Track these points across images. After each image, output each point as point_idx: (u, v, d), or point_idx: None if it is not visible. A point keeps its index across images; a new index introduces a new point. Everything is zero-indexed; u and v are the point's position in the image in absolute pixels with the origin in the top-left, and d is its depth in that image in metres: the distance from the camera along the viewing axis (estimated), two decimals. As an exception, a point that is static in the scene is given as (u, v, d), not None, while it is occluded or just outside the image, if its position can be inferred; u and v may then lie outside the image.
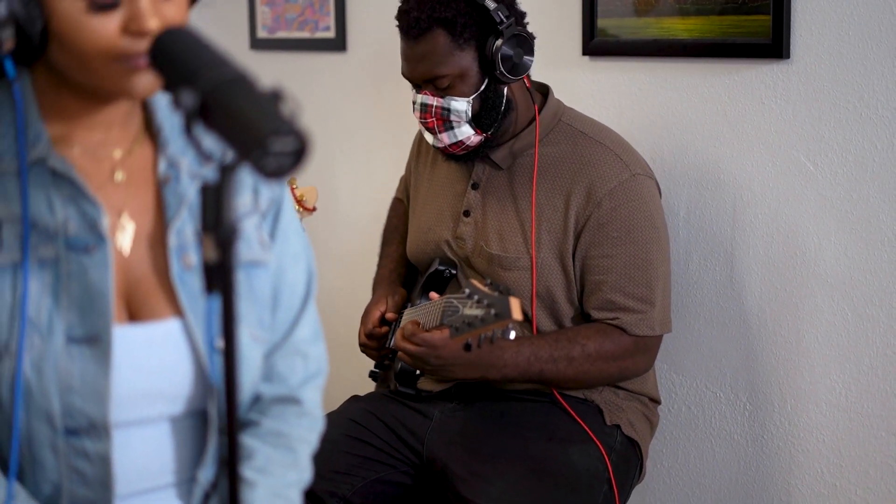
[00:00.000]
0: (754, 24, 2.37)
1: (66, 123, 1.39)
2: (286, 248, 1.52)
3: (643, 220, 2.28)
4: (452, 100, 2.27)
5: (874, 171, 2.26)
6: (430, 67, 2.26)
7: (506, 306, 1.93)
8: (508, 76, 2.25)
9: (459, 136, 2.30)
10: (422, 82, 2.30)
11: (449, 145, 2.33)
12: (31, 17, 1.29)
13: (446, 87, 2.27)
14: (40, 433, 1.34)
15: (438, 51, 2.25)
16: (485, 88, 2.28)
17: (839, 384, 2.36)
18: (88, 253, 1.36)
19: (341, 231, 3.44)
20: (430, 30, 2.24)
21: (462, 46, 2.25)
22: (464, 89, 2.27)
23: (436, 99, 2.28)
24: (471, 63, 2.26)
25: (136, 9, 1.29)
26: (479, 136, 2.31)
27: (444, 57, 2.25)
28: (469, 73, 2.27)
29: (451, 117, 2.28)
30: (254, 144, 1.06)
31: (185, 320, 1.40)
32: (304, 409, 1.53)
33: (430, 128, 2.32)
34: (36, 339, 1.33)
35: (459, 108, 2.27)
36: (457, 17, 2.22)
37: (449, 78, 2.26)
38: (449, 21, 2.23)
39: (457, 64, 2.26)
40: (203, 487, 1.45)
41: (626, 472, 2.34)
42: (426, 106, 2.29)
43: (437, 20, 2.23)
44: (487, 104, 2.29)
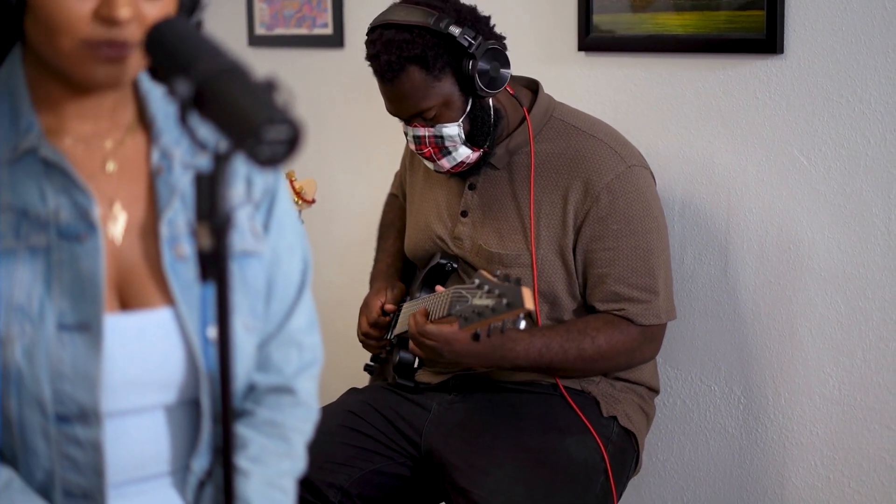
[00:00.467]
0: (748, 19, 2.38)
1: (56, 114, 1.40)
2: (281, 238, 1.52)
3: (642, 211, 2.30)
4: (443, 127, 2.29)
5: (867, 165, 2.27)
6: (414, 104, 2.28)
7: (518, 296, 1.94)
8: (489, 91, 2.26)
9: (459, 159, 2.33)
10: (410, 119, 2.32)
11: (451, 168, 2.35)
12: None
13: (434, 117, 2.29)
14: (32, 420, 1.35)
15: (417, 87, 2.26)
16: (471, 108, 2.30)
17: (832, 377, 2.38)
18: (80, 241, 1.37)
19: (339, 226, 3.45)
20: (403, 70, 2.24)
21: (438, 77, 2.26)
22: (451, 115, 2.29)
23: (427, 129, 2.30)
24: (451, 89, 2.28)
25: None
26: (478, 153, 2.34)
27: (424, 91, 2.26)
28: (452, 99, 2.28)
29: (445, 143, 2.30)
30: (248, 133, 1.07)
31: (177, 309, 1.41)
32: (299, 399, 1.54)
33: (427, 157, 2.34)
34: (27, 326, 1.34)
35: (451, 133, 2.29)
36: (426, 51, 2.23)
37: (434, 109, 2.28)
38: (420, 57, 2.23)
39: (438, 94, 2.27)
40: (197, 476, 1.45)
41: (623, 464, 2.36)
42: (419, 138, 2.31)
43: (408, 59, 2.23)
44: (477, 122, 2.30)
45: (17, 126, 1.37)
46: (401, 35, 2.23)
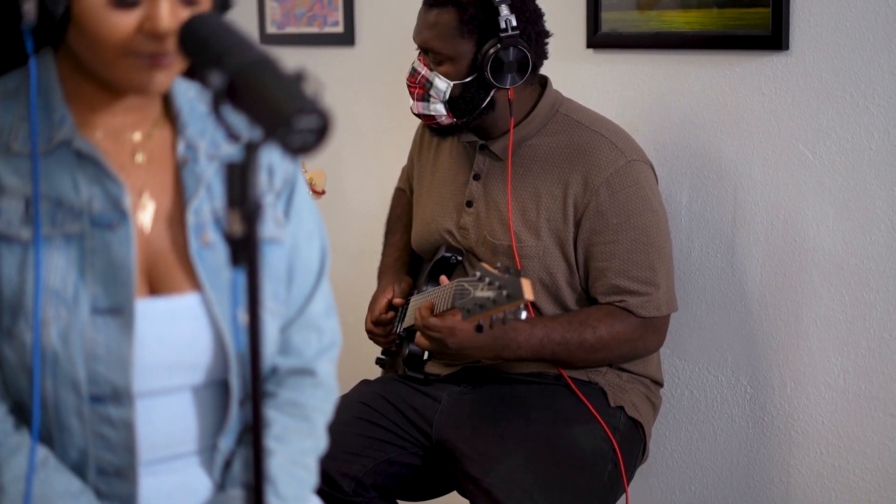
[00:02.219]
0: (754, 16, 2.42)
1: (88, 108, 1.44)
2: (300, 226, 1.57)
3: (641, 205, 2.33)
4: (437, 77, 2.34)
5: (871, 159, 2.30)
6: (431, 37, 2.34)
7: (518, 287, 1.97)
8: (493, 80, 2.30)
9: (431, 112, 2.38)
10: (423, 49, 2.38)
11: (420, 114, 2.41)
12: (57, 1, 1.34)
13: (438, 63, 2.34)
14: (66, 400, 1.40)
15: (443, 26, 2.32)
16: (470, 81, 2.33)
17: (837, 367, 2.41)
18: (112, 229, 1.42)
19: (349, 222, 3.48)
20: (445, 5, 2.31)
21: (464, 34, 2.31)
22: (451, 72, 2.34)
23: (425, 69, 2.36)
24: (465, 52, 2.32)
25: (153, 10, 1.35)
26: (450, 120, 2.38)
27: (446, 35, 2.32)
28: (460, 60, 2.33)
29: (430, 91, 2.35)
30: (279, 122, 1.11)
31: (204, 294, 1.45)
32: (319, 381, 1.58)
33: (411, 91, 2.40)
34: (62, 310, 1.39)
35: (440, 86, 2.34)
36: (470, 5, 2.29)
37: (442, 56, 2.33)
38: (462, 5, 2.29)
39: (453, 47, 2.32)
40: (224, 455, 1.50)
41: (631, 453, 2.39)
42: (415, 71, 2.38)
43: (454, 1, 2.30)
44: (467, 95, 2.34)
45: (51, 119, 1.42)
46: None
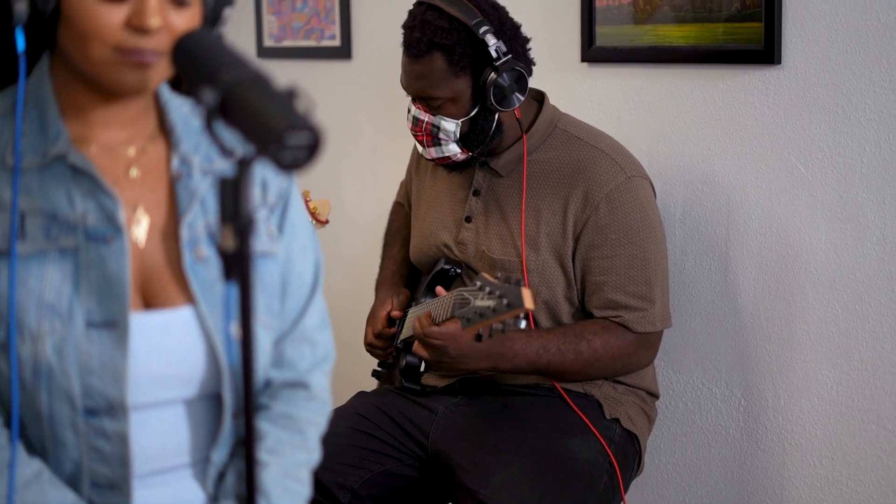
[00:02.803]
0: (747, 31, 2.43)
1: (83, 122, 1.46)
2: (294, 239, 1.58)
3: (640, 221, 2.34)
4: (443, 119, 2.34)
5: (863, 172, 2.31)
6: (425, 87, 2.33)
7: (518, 296, 1.98)
8: (498, 107, 2.31)
9: (446, 153, 2.38)
10: (416, 98, 2.38)
11: (436, 158, 2.40)
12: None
13: (438, 107, 2.34)
14: (61, 413, 1.41)
15: (434, 73, 2.31)
16: (476, 114, 2.34)
17: (830, 379, 2.42)
18: (106, 243, 1.43)
19: (346, 235, 3.49)
20: (429, 52, 2.30)
21: (458, 73, 2.31)
22: (454, 112, 2.34)
23: (427, 115, 2.35)
24: (464, 89, 2.33)
25: (141, 5, 1.36)
26: (466, 154, 2.38)
27: (439, 80, 2.32)
28: (461, 98, 2.33)
29: (439, 135, 2.35)
30: (271, 139, 1.12)
31: (198, 308, 1.46)
32: (313, 394, 1.59)
33: (419, 140, 2.40)
34: (57, 323, 1.40)
35: (448, 128, 2.34)
36: (456, 45, 2.28)
37: (442, 100, 2.33)
38: (448, 48, 2.29)
39: (450, 88, 2.32)
40: (217, 468, 1.51)
41: (626, 465, 2.39)
42: (418, 120, 2.37)
43: (437, 45, 2.29)
44: (476, 128, 2.35)
45: (46, 133, 1.43)
46: (440, 21, 2.29)
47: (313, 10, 3.51)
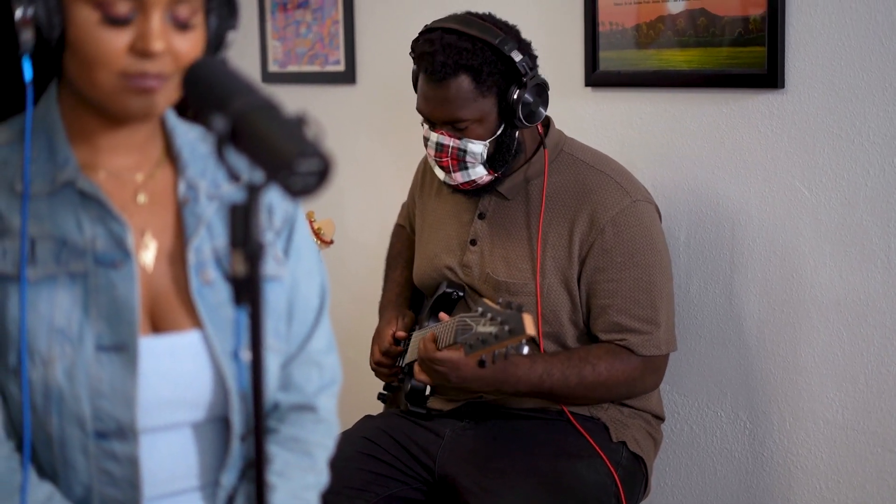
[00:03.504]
0: (750, 55, 2.44)
1: (91, 149, 1.47)
2: (300, 263, 1.59)
3: (645, 245, 2.35)
4: (470, 142, 2.33)
5: (867, 195, 2.32)
6: (453, 111, 2.32)
7: (519, 322, 1.99)
8: (525, 123, 2.32)
9: (472, 177, 2.37)
10: (440, 123, 2.36)
11: (461, 183, 2.40)
12: (52, 23, 1.37)
13: (464, 129, 2.33)
14: (72, 436, 1.42)
15: (462, 96, 2.30)
16: (501, 133, 2.35)
17: (836, 402, 2.42)
18: (115, 268, 1.44)
19: (351, 258, 3.50)
20: (455, 75, 2.29)
21: (484, 93, 2.31)
22: (480, 132, 2.33)
23: (452, 140, 2.34)
24: (491, 109, 2.32)
25: (145, 29, 1.37)
26: (491, 176, 2.39)
27: (467, 102, 2.31)
28: (488, 118, 2.33)
29: (466, 158, 2.34)
30: (281, 165, 1.13)
31: (205, 332, 1.47)
32: (320, 416, 1.60)
33: (443, 166, 2.38)
34: (67, 347, 1.41)
35: (476, 150, 2.34)
36: (483, 65, 2.28)
37: (469, 122, 2.32)
38: (475, 69, 2.28)
39: (478, 109, 2.32)
40: (226, 491, 1.51)
41: (633, 488, 2.40)
42: (442, 146, 2.35)
43: (464, 67, 2.28)
44: (502, 147, 2.35)
45: (55, 160, 1.44)
46: (463, 43, 2.29)
47: (318, 35, 3.53)
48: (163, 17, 1.38)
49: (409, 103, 2.46)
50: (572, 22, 2.77)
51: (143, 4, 1.37)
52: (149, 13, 1.37)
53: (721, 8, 2.48)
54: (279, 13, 3.66)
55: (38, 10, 1.36)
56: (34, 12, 1.36)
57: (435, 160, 2.38)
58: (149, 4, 1.37)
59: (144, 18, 1.37)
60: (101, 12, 1.36)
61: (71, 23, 1.37)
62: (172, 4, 1.39)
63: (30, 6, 1.36)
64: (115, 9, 1.36)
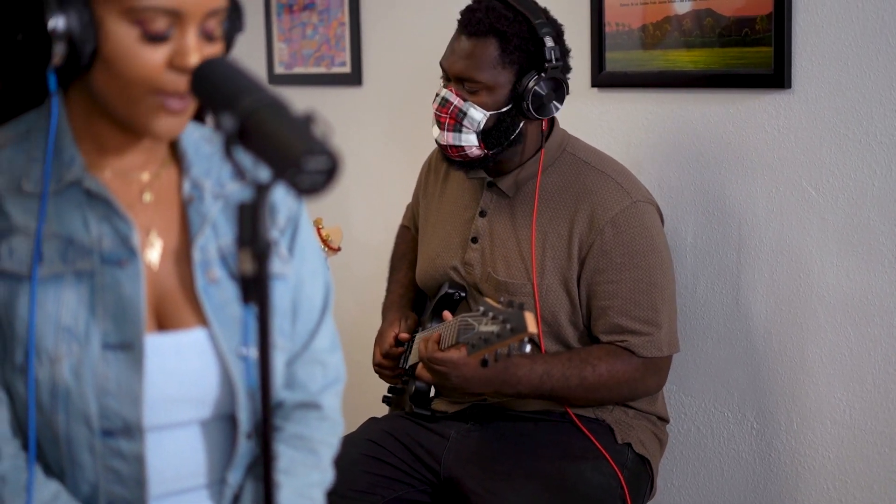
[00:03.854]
0: (757, 55, 2.45)
1: (98, 148, 1.47)
2: (304, 262, 1.60)
3: (645, 246, 2.34)
4: (472, 106, 2.33)
5: (874, 195, 2.32)
6: (470, 68, 2.33)
7: (521, 320, 1.99)
8: (532, 113, 2.32)
9: (462, 142, 2.36)
10: (455, 78, 2.37)
11: (450, 146, 2.38)
12: (86, 37, 1.36)
13: (474, 92, 2.34)
14: (78, 434, 1.42)
15: (485, 56, 2.31)
16: (505, 111, 2.34)
17: (843, 402, 2.42)
18: (121, 266, 1.44)
19: (356, 260, 3.50)
20: (486, 35, 2.31)
21: (505, 64, 2.31)
22: (487, 101, 2.33)
23: (458, 99, 2.34)
24: (505, 82, 2.32)
25: (182, 45, 1.37)
26: (480, 151, 2.37)
27: (486, 65, 2.32)
28: (499, 90, 2.33)
29: (463, 121, 2.34)
30: (289, 163, 1.13)
31: (211, 329, 1.48)
32: (325, 414, 1.61)
33: (440, 122, 2.37)
34: (74, 346, 1.41)
35: (475, 116, 2.33)
36: (514, 36, 2.30)
37: (481, 85, 2.33)
38: (506, 36, 2.30)
39: (493, 77, 2.32)
40: (232, 489, 1.52)
41: (638, 489, 2.39)
42: (446, 101, 2.35)
43: (497, 30, 2.30)
44: (500, 126, 2.34)
45: (61, 159, 1.45)
46: (506, 11, 2.31)
47: (324, 37, 3.54)
48: (197, 31, 1.38)
49: (416, 105, 2.46)
50: (579, 23, 2.77)
51: (181, 20, 1.37)
52: (185, 29, 1.37)
53: (727, 8, 2.48)
54: (285, 15, 3.67)
55: (72, 23, 1.35)
56: (67, 25, 1.35)
57: (435, 113, 2.38)
58: (186, 20, 1.37)
59: (181, 34, 1.37)
60: (140, 29, 1.36)
61: (107, 38, 1.37)
62: (205, 18, 1.39)
63: (63, 18, 1.35)
64: (154, 26, 1.36)
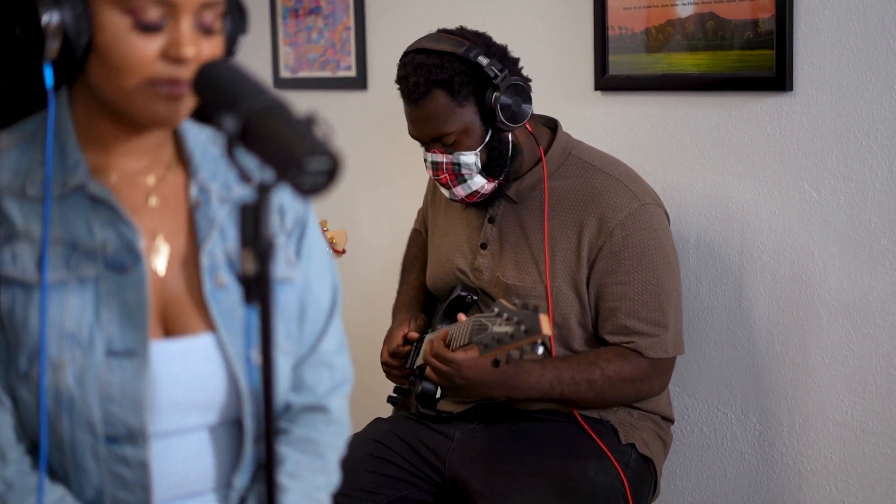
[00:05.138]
0: (759, 58, 2.45)
1: (103, 152, 1.46)
2: (311, 264, 1.59)
3: (654, 248, 2.36)
4: (461, 154, 2.35)
5: (875, 197, 2.33)
6: (435, 127, 2.35)
7: (535, 322, 1.99)
8: (509, 124, 2.33)
9: (473, 188, 2.39)
10: (429, 141, 2.39)
11: (465, 196, 2.41)
12: (80, 29, 1.36)
13: (453, 143, 2.36)
14: (83, 441, 1.42)
15: (440, 111, 2.33)
16: (490, 139, 2.36)
17: (845, 403, 2.43)
18: (126, 272, 1.43)
19: (362, 263, 3.51)
20: (429, 92, 2.32)
21: (462, 104, 2.33)
22: (469, 143, 2.36)
23: (445, 156, 2.37)
24: (472, 118, 2.35)
25: (176, 35, 1.37)
26: (493, 184, 2.40)
27: (447, 116, 2.34)
28: (472, 127, 2.35)
29: (462, 171, 2.36)
30: (291, 164, 1.14)
31: (218, 335, 1.47)
32: (332, 417, 1.61)
33: (443, 183, 2.40)
34: (78, 352, 1.41)
35: (468, 161, 2.36)
36: (453, 76, 2.31)
37: (454, 135, 2.35)
38: (446, 82, 2.31)
39: (459, 121, 2.34)
40: (239, 492, 1.52)
41: (642, 490, 2.40)
42: (437, 164, 2.38)
43: (435, 82, 2.31)
44: (494, 153, 2.37)
45: (65, 164, 1.44)
46: (431, 60, 2.32)
47: (329, 41, 3.55)
48: (191, 22, 1.38)
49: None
50: (582, 26, 2.78)
51: (174, 11, 1.37)
52: (179, 19, 1.37)
53: (730, 12, 2.49)
54: (290, 19, 3.68)
55: (66, 17, 1.35)
56: (61, 18, 1.35)
57: (434, 179, 2.42)
58: (179, 11, 1.37)
59: (175, 24, 1.37)
60: (132, 18, 1.36)
61: (100, 29, 1.37)
62: (200, 10, 1.39)
63: (56, 12, 1.35)
64: (146, 15, 1.36)
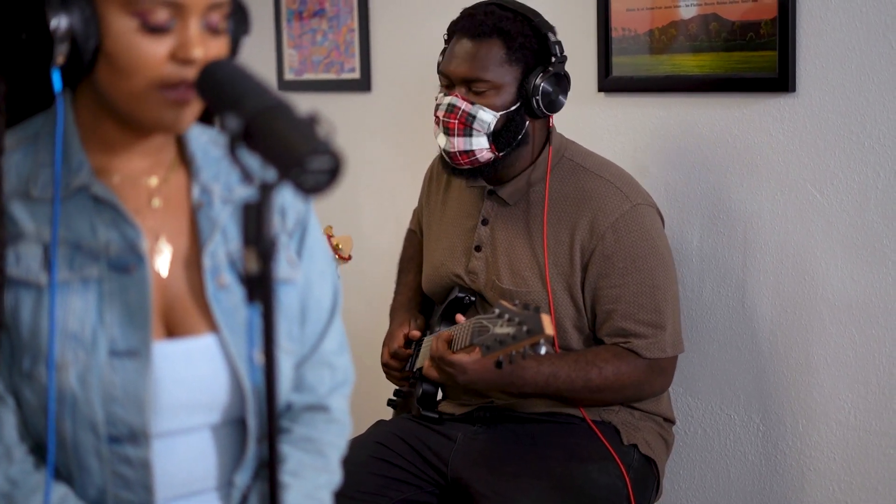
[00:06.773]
0: (762, 59, 2.46)
1: (106, 154, 1.47)
2: (313, 265, 1.60)
3: (647, 249, 2.35)
4: (481, 109, 2.33)
5: (878, 198, 2.33)
6: (476, 68, 2.34)
7: (538, 322, 1.99)
8: (541, 109, 2.34)
9: (473, 146, 2.36)
10: (459, 82, 2.37)
11: (460, 152, 2.37)
12: (88, 33, 1.36)
13: (480, 93, 2.34)
14: (85, 440, 1.42)
15: (490, 57, 2.33)
16: (514, 110, 2.35)
17: (848, 403, 2.43)
18: (129, 273, 1.44)
19: (366, 265, 3.52)
20: (490, 36, 2.33)
21: (511, 63, 2.33)
22: (495, 102, 2.34)
23: (465, 103, 2.34)
24: (511, 81, 2.34)
25: (184, 37, 1.37)
26: (491, 154, 2.37)
27: (493, 64, 2.33)
28: (507, 89, 2.34)
29: (473, 124, 2.34)
30: (293, 163, 1.15)
31: (221, 335, 1.48)
32: (333, 416, 1.61)
33: (449, 128, 2.36)
34: (81, 352, 1.41)
35: (485, 118, 2.34)
36: (518, 34, 2.32)
37: (488, 85, 2.33)
38: (510, 35, 2.32)
39: (500, 76, 2.33)
40: (240, 491, 1.53)
41: (644, 491, 2.40)
42: (453, 107, 2.35)
43: (500, 31, 2.32)
44: (510, 126, 2.35)
45: (69, 165, 1.44)
46: (505, 13, 2.35)
47: (333, 43, 3.56)
48: (199, 23, 1.38)
49: (425, 110, 2.47)
50: (585, 28, 2.79)
51: (182, 12, 1.37)
52: (187, 20, 1.37)
53: (733, 13, 2.50)
54: (295, 21, 3.69)
55: (74, 21, 1.35)
56: (69, 23, 1.35)
57: (442, 121, 2.36)
58: (187, 12, 1.37)
59: (183, 26, 1.37)
60: (139, 20, 1.36)
61: (108, 32, 1.37)
62: (207, 11, 1.39)
63: (65, 16, 1.35)
64: (154, 17, 1.36)
